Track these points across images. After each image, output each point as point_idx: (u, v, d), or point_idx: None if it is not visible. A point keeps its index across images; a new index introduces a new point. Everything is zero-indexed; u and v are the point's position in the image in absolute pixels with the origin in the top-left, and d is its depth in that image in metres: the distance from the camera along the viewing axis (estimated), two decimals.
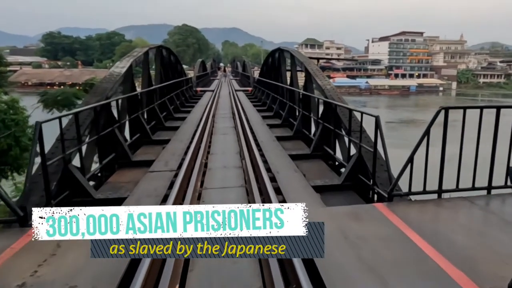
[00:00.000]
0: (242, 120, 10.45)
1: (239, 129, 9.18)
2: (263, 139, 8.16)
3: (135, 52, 9.14)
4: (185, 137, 8.29)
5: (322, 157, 7.26)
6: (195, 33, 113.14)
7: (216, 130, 9.30)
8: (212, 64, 56.99)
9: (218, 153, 6.98)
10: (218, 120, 11.10)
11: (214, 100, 16.21)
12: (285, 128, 10.63)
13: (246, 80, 29.65)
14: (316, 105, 8.42)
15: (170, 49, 13.85)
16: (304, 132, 9.05)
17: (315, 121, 8.11)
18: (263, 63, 18.43)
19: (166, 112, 12.00)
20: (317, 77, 7.94)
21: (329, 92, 7.15)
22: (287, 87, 10.97)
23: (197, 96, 20.53)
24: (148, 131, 8.50)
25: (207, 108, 13.23)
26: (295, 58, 10.40)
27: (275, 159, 6.42)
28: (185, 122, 10.40)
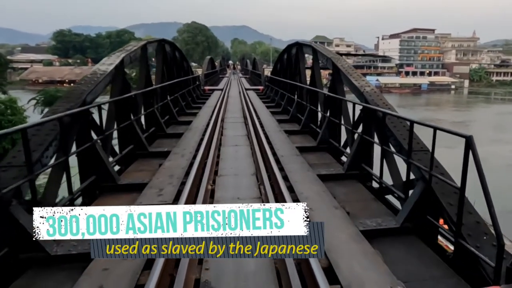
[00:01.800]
0: (256, 126, 8.95)
1: (253, 139, 7.68)
2: (283, 152, 6.65)
3: (129, 46, 7.69)
4: (188, 149, 6.81)
5: (358, 178, 5.74)
6: (204, 31, 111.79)
7: (226, 140, 7.80)
8: (221, 61, 55.60)
9: (229, 174, 5.47)
10: (227, 125, 9.60)
11: (223, 101, 14.72)
12: (304, 135, 9.10)
13: (257, 79, 28.10)
14: (347, 110, 6.89)
15: (174, 44, 12.42)
16: (331, 142, 7.50)
17: (349, 131, 6.57)
18: (277, 59, 16.86)
19: (169, 115, 10.56)
20: (351, 76, 6.39)
21: (370, 96, 5.59)
22: (308, 88, 9.41)
23: (205, 95, 19.08)
24: (144, 142, 7.03)
25: (215, 110, 11.76)
26: (317, 53, 8.84)
27: (304, 185, 4.90)
28: (190, 129, 8.92)
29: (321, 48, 8.62)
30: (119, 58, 6.50)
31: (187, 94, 14.41)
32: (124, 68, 6.81)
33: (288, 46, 12.67)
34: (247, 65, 49.44)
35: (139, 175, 5.80)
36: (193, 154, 6.47)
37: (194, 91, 16.64)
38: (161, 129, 8.86)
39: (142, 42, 8.32)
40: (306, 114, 9.30)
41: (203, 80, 22.14)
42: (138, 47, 7.90)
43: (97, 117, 5.49)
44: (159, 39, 10.20)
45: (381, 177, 5.02)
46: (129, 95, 6.74)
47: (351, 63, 54.48)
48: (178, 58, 13.74)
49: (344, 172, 5.76)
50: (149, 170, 6.13)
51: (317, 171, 5.74)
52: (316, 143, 7.69)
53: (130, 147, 6.83)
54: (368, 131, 5.64)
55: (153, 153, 7.04)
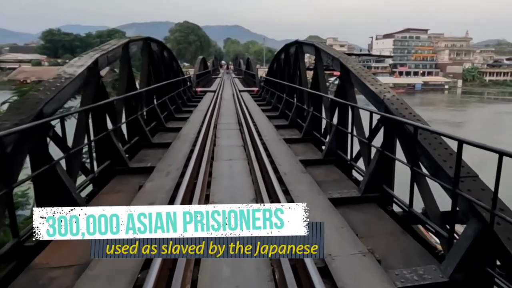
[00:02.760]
0: (252, 133, 7.99)
1: (250, 150, 6.71)
2: (285, 167, 5.72)
3: (106, 45, 6.67)
4: (175, 165, 5.83)
5: (377, 201, 4.83)
6: (197, 30, 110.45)
7: (219, 152, 6.82)
8: (214, 61, 54.45)
9: (222, 199, 4.50)
10: (221, 133, 8.62)
11: (216, 104, 13.73)
12: (307, 144, 8.18)
13: (251, 79, 27.12)
14: (359, 119, 5.96)
15: (162, 43, 11.39)
16: (340, 155, 6.58)
17: (363, 144, 5.64)
18: (273, 59, 15.89)
19: (155, 121, 9.55)
20: (365, 80, 5.46)
21: (392, 104, 4.66)
22: (311, 91, 8.47)
23: (197, 97, 18.04)
24: (123, 156, 6.03)
25: (207, 114, 10.77)
26: (321, 53, 7.91)
27: (315, 215, 3.96)
28: (179, 137, 7.93)
29: (325, 47, 7.68)
30: (92, 58, 5.49)
31: (177, 96, 13.39)
32: (99, 70, 5.80)
33: (286, 46, 11.71)
34: (240, 65, 48.39)
35: (114, 200, 4.80)
36: (181, 171, 5.49)
37: (184, 93, 15.61)
38: (145, 139, 7.85)
39: (123, 41, 7.31)
40: (308, 121, 8.36)
41: (194, 81, 21.09)
42: (118, 46, 6.89)
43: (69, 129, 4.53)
44: (144, 37, 9.18)
45: (411, 204, 4.09)
46: (104, 102, 5.73)
47: None
48: (166, 58, 12.71)
49: (361, 195, 4.83)
50: (127, 192, 5.15)
51: (329, 193, 4.81)
52: (322, 155, 6.75)
53: (107, 163, 5.82)
54: (390, 146, 4.72)
55: (134, 170, 6.03)
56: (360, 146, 5.75)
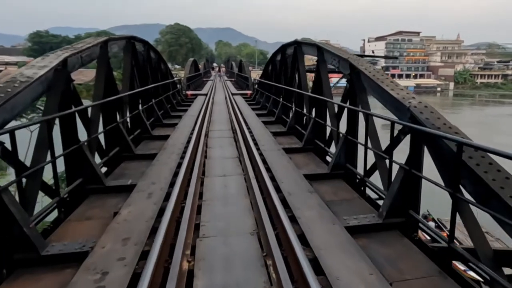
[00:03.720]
0: (248, 143, 7.16)
1: (247, 163, 5.87)
2: (289, 185, 4.89)
3: (80, 43, 5.79)
4: (159, 183, 4.96)
5: (400, 228, 4.03)
6: (188, 33, 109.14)
7: (211, 166, 5.96)
8: (206, 64, 53.59)
9: (215, 231, 3.63)
10: (213, 142, 7.75)
11: (208, 108, 12.87)
12: (308, 154, 7.39)
13: (243, 82, 26.30)
14: (374, 128, 5.17)
15: (149, 43, 10.50)
16: (349, 168, 5.78)
17: (379, 157, 4.85)
18: (268, 61, 15.07)
19: (140, 128, 8.65)
20: (382, 83, 4.67)
21: (421, 114, 3.86)
22: (313, 96, 7.66)
23: (188, 101, 17.13)
24: (98, 173, 5.13)
25: (198, 120, 9.89)
26: (325, 53, 7.11)
27: (333, 256, 3.13)
28: (165, 148, 7.04)
29: (330, 47, 6.88)
30: (58, 58, 4.61)
31: (166, 101, 12.49)
32: (69, 72, 4.91)
33: (283, 46, 10.91)
34: (233, 68, 47.56)
35: (81, 231, 3.92)
36: (166, 192, 4.63)
37: (174, 96, 14.71)
38: (127, 149, 6.96)
39: (101, 39, 6.41)
40: (310, 128, 7.55)
41: (185, 84, 20.17)
42: (94, 45, 6.01)
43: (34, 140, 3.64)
44: (128, 36, 8.29)
45: (452, 239, 3.29)
46: (74, 110, 4.84)
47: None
48: (153, 60, 11.81)
49: (383, 222, 4.02)
50: (100, 218, 4.27)
51: (344, 220, 3.99)
52: (328, 169, 5.93)
53: (78, 182, 4.93)
54: (417, 163, 3.92)
55: (112, 189, 5.15)
56: (377, 160, 4.95)
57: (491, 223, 3.11)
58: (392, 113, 4.54)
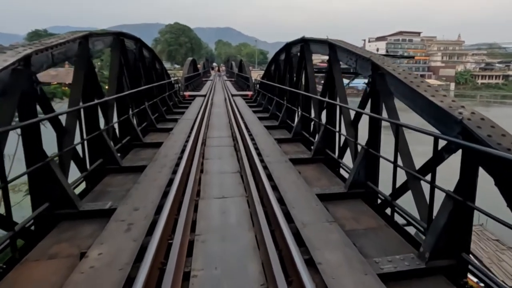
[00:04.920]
0: (251, 153, 6.27)
1: (249, 180, 4.98)
2: (301, 213, 4.01)
3: (52, 39, 4.89)
4: (144, 209, 4.07)
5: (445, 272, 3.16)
6: (188, 32, 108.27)
7: (208, 184, 5.06)
8: (205, 63, 52.70)
9: (211, 285, 2.75)
10: (211, 152, 6.85)
11: (206, 111, 11.97)
12: (319, 165, 6.53)
13: (244, 82, 25.41)
14: (405, 143, 4.28)
15: (141, 40, 9.58)
16: (368, 185, 4.90)
17: (411, 178, 3.97)
18: (271, 61, 14.15)
19: (130, 135, 7.77)
20: (418, 88, 3.77)
21: (478, 128, 2.97)
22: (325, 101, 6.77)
23: (185, 102, 16.24)
24: (71, 196, 4.24)
25: (195, 125, 8.99)
26: (338, 51, 6.22)
27: None
28: (156, 159, 6.15)
29: (345, 44, 5.99)
30: (17, 56, 3.71)
31: (161, 103, 11.60)
32: (32, 72, 4.02)
33: (287, 44, 10.01)
34: (232, 67, 46.66)
35: (36, 281, 3.02)
36: (150, 221, 3.74)
37: (170, 98, 13.81)
38: (113, 161, 6.06)
39: (80, 34, 5.51)
40: (321, 137, 6.67)
41: (183, 84, 19.26)
42: (70, 40, 5.11)
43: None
44: (115, 32, 7.38)
45: None
46: (38, 120, 3.95)
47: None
48: (147, 59, 10.91)
49: (426, 265, 3.13)
50: (65, 258, 3.39)
51: (376, 265, 3.11)
52: (345, 187, 5.04)
53: (45, 206, 4.04)
54: (469, 191, 3.04)
55: (86, 214, 4.26)
56: (409, 181, 4.07)
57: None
58: (431, 124, 3.65)
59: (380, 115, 4.87)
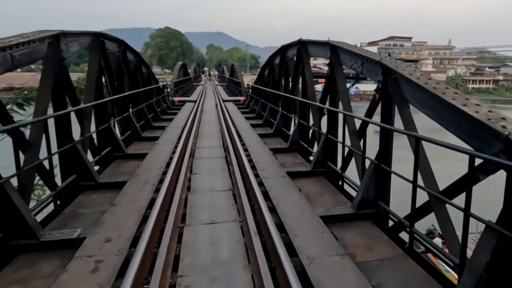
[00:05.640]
0: (244, 166, 5.64)
1: (243, 200, 4.33)
2: (305, 241, 3.39)
3: (12, 37, 4.20)
4: (118, 239, 3.40)
5: None
6: (179, 36, 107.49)
7: (195, 205, 4.39)
8: (196, 68, 51.99)
9: None
10: (200, 166, 6.18)
11: (196, 118, 11.30)
12: (319, 178, 5.95)
13: (235, 87, 24.80)
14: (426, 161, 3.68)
15: (125, 42, 8.88)
16: (379, 205, 4.29)
17: (438, 202, 3.37)
18: (264, 65, 13.54)
19: (112, 146, 7.07)
20: (444, 95, 3.18)
21: None
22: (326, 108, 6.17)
23: (174, 108, 15.53)
24: (31, 224, 3.55)
25: (183, 134, 8.31)
26: (341, 55, 5.64)
27: None
28: (138, 175, 5.46)
29: (348, 46, 5.40)
30: None
31: (148, 109, 10.90)
32: None
33: (283, 47, 9.41)
34: (224, 72, 46.04)
35: None
36: (123, 259, 3.07)
37: (158, 104, 13.11)
38: (88, 177, 5.36)
39: (49, 33, 4.83)
40: (321, 147, 6.06)
41: (172, 89, 18.56)
42: (35, 40, 4.43)
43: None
44: (94, 32, 6.69)
45: None
46: None
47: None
48: (132, 62, 10.23)
49: None
50: None
51: None
52: (353, 207, 4.42)
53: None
54: None
55: (49, 245, 3.57)
56: (433, 203, 3.46)
57: None
58: (461, 138, 3.06)
59: (392, 125, 4.28)
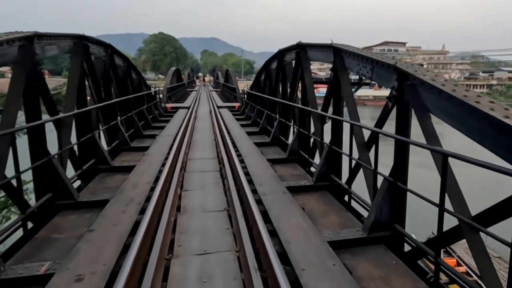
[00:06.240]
0: (241, 182, 5.11)
1: (240, 225, 3.79)
2: (316, 280, 2.84)
3: None
4: (92, 278, 2.84)
5: None
6: (173, 42, 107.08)
7: (185, 232, 3.82)
8: (190, 73, 51.47)
9: None
10: (191, 182, 5.62)
11: (189, 126, 10.75)
12: (322, 193, 5.42)
13: (230, 93, 24.31)
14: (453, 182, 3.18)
15: (112, 46, 8.27)
16: (394, 228, 3.77)
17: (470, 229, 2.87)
18: (261, 70, 13.02)
19: (96, 158, 6.50)
20: (487, 108, 2.69)
21: None
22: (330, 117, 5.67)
23: (167, 115, 14.95)
24: None
25: (174, 144, 7.73)
26: (345, 59, 5.15)
27: None
28: (121, 192, 4.90)
29: (354, 49, 4.92)
30: None
31: (138, 116, 10.34)
32: None
33: (280, 51, 8.92)
34: (218, 77, 45.55)
35: None
36: None
37: (150, 111, 12.54)
38: (66, 195, 4.79)
39: (20, 34, 4.28)
40: (324, 159, 5.55)
41: (165, 95, 18.00)
42: (4, 41, 3.89)
43: None
44: (76, 35, 6.14)
45: None
46: None
47: (323, 75, 49.16)
48: (121, 68, 9.68)
49: None
50: None
51: None
52: (365, 231, 3.90)
53: None
54: None
55: (12, 283, 3.00)
56: (463, 230, 2.95)
57: None
58: (500, 156, 2.57)
59: (408, 137, 3.78)
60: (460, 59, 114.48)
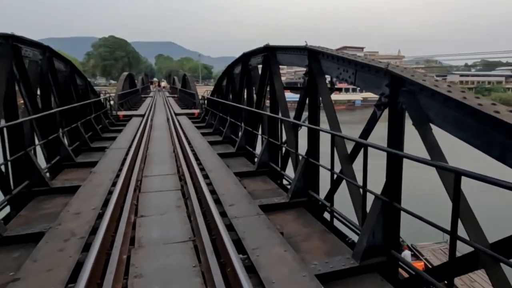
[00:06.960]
0: (206, 201, 4.41)
1: (210, 259, 3.09)
2: None
3: None
4: None
5: None
6: (125, 46, 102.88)
7: (139, 275, 3.05)
8: (144, 79, 49.42)
9: None
10: (148, 205, 4.80)
11: (144, 136, 9.78)
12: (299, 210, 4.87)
13: (188, 99, 23.28)
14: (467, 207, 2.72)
15: (51, 49, 7.16)
16: (392, 256, 3.27)
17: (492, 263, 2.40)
18: (222, 74, 12.21)
19: (30, 178, 5.45)
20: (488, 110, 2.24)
21: None
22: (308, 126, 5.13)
23: (119, 124, 13.72)
24: None
25: (127, 159, 6.79)
26: (322, 62, 4.66)
27: None
28: (57, 226, 3.97)
29: (333, 51, 4.42)
30: None
31: (85, 127, 9.21)
32: None
33: (245, 55, 8.27)
34: (175, 83, 44.09)
35: None
36: None
37: (98, 120, 11.36)
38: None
39: None
40: (300, 173, 4.99)
41: (116, 103, 16.67)
42: None
43: None
44: (4, 34, 5.10)
45: None
46: None
47: (284, 80, 49.72)
48: (63, 73, 8.55)
49: None
50: None
51: None
52: (357, 259, 3.36)
53: None
54: None
55: None
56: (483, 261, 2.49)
57: None
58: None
59: (402, 150, 3.31)
60: (415, 63, 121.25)
